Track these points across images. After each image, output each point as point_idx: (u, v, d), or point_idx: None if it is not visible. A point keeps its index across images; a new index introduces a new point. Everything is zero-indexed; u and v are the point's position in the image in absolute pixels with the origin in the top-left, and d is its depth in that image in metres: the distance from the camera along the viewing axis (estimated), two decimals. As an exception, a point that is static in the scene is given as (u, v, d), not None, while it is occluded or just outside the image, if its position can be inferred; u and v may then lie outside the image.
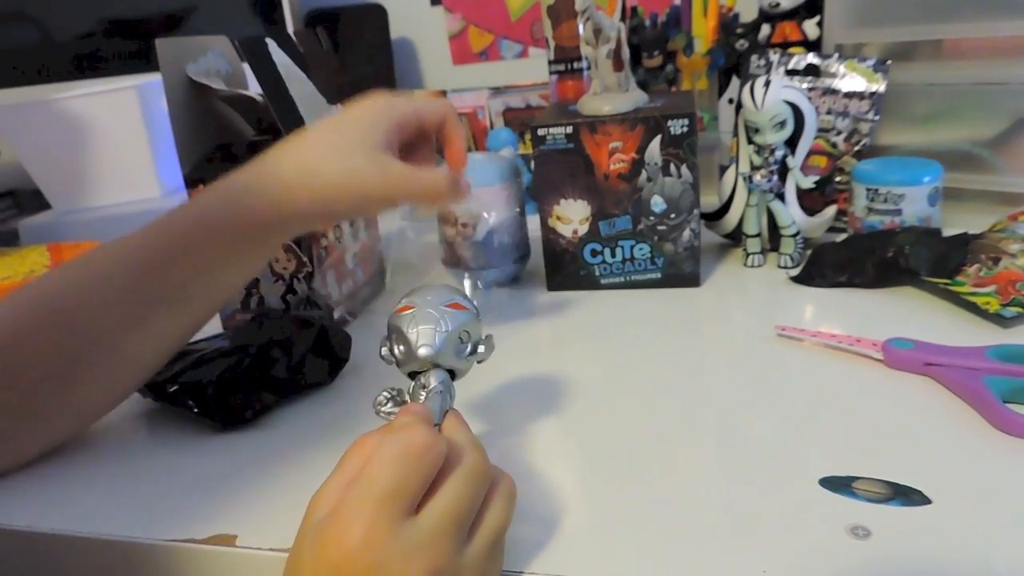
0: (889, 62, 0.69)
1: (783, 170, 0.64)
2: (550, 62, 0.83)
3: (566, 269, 0.65)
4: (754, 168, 0.64)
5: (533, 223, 0.68)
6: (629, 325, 0.59)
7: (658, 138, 0.59)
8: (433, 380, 0.38)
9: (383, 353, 0.39)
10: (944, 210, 0.64)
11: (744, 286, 0.64)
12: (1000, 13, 0.65)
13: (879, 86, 0.69)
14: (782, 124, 0.61)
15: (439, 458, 0.31)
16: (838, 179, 0.71)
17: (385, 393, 0.39)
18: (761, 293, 0.63)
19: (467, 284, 0.68)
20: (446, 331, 0.38)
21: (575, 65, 0.82)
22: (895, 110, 0.71)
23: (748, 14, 0.87)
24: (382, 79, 1.05)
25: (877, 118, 0.69)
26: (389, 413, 0.38)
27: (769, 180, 0.64)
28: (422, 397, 0.37)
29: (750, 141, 0.64)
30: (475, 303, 0.41)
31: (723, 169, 0.70)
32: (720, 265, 0.68)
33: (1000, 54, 0.68)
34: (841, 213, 0.69)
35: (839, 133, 0.71)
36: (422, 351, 0.37)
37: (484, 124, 1.00)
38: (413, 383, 0.38)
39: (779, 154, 0.63)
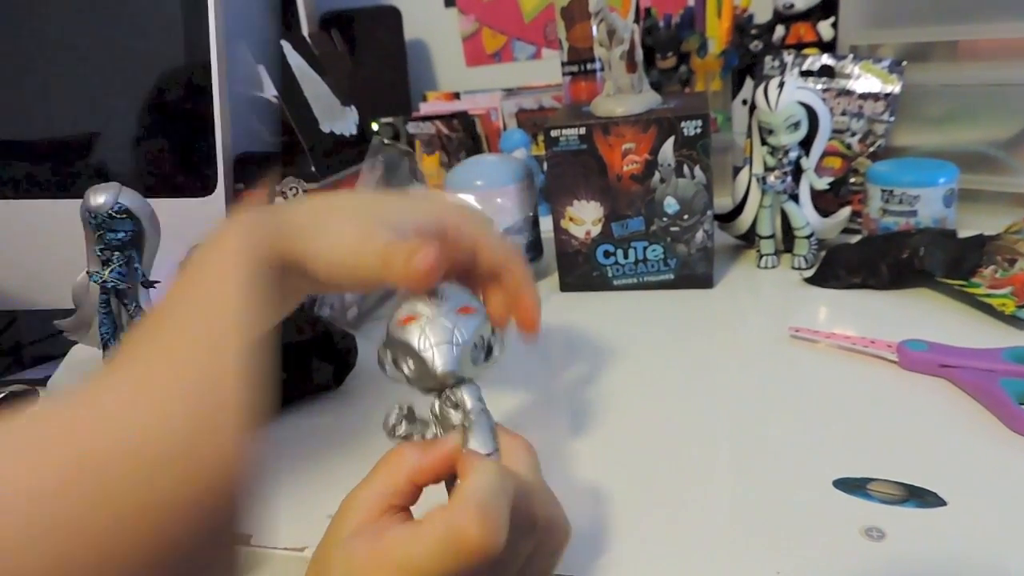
0: (904, 63, 0.69)
1: (797, 171, 0.64)
2: (563, 63, 0.84)
3: (579, 270, 0.65)
4: (768, 169, 0.64)
5: (545, 224, 0.68)
6: (642, 326, 0.59)
7: (671, 139, 0.59)
8: (468, 398, 0.33)
9: (389, 372, 0.35)
10: (960, 211, 0.64)
11: (758, 287, 0.64)
12: (1015, 14, 0.65)
13: (894, 87, 0.69)
14: (796, 125, 0.61)
15: (490, 567, 0.27)
16: (852, 180, 0.71)
17: (396, 412, 0.34)
18: (775, 294, 0.63)
19: None
20: (462, 343, 0.33)
21: (588, 66, 0.82)
22: (910, 111, 0.71)
23: (762, 15, 0.86)
24: (396, 80, 1.05)
25: (892, 119, 0.69)
26: (406, 435, 0.34)
27: (783, 181, 0.63)
28: (454, 417, 0.33)
29: (764, 142, 0.64)
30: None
31: (737, 170, 0.70)
32: (733, 266, 0.68)
33: (1015, 55, 0.67)
34: (855, 214, 0.69)
35: (854, 134, 0.71)
36: (441, 370, 0.32)
37: (497, 125, 1.00)
38: (439, 400, 0.34)
39: (793, 155, 0.63)
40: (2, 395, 0.71)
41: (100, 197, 0.63)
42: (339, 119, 0.68)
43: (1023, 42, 0.66)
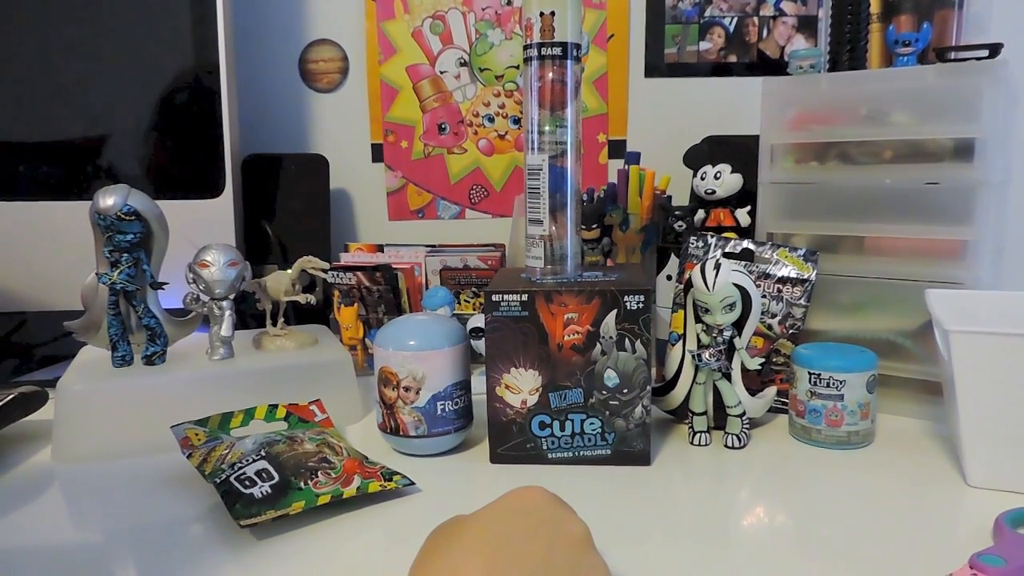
0: (818, 253, 0.73)
1: (730, 349, 0.65)
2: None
3: (511, 441, 0.62)
4: (702, 346, 0.65)
5: (476, 385, 0.65)
6: (578, 504, 0.55)
7: (614, 312, 0.59)
8: None
9: None
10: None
11: (694, 466, 0.62)
12: (909, 217, 0.71)
13: (809, 274, 0.73)
14: (732, 306, 0.63)
15: None
16: (774, 360, 0.73)
17: None
18: (712, 474, 0.61)
19: None
20: None
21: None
22: (824, 297, 0.75)
23: (678, 198, 0.92)
24: (318, 226, 1.03)
25: (808, 304, 0.73)
26: None
27: (718, 359, 0.64)
28: None
29: (698, 320, 0.65)
30: None
31: (660, 343, 0.70)
32: (665, 442, 0.67)
33: (913, 254, 0.73)
34: (781, 393, 0.70)
35: (774, 316, 0.73)
36: None
37: (420, 281, 0.98)
38: None
39: (727, 334, 0.64)
40: (12, 395, 0.67)
41: (109, 199, 0.63)
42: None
43: (918, 242, 0.72)
